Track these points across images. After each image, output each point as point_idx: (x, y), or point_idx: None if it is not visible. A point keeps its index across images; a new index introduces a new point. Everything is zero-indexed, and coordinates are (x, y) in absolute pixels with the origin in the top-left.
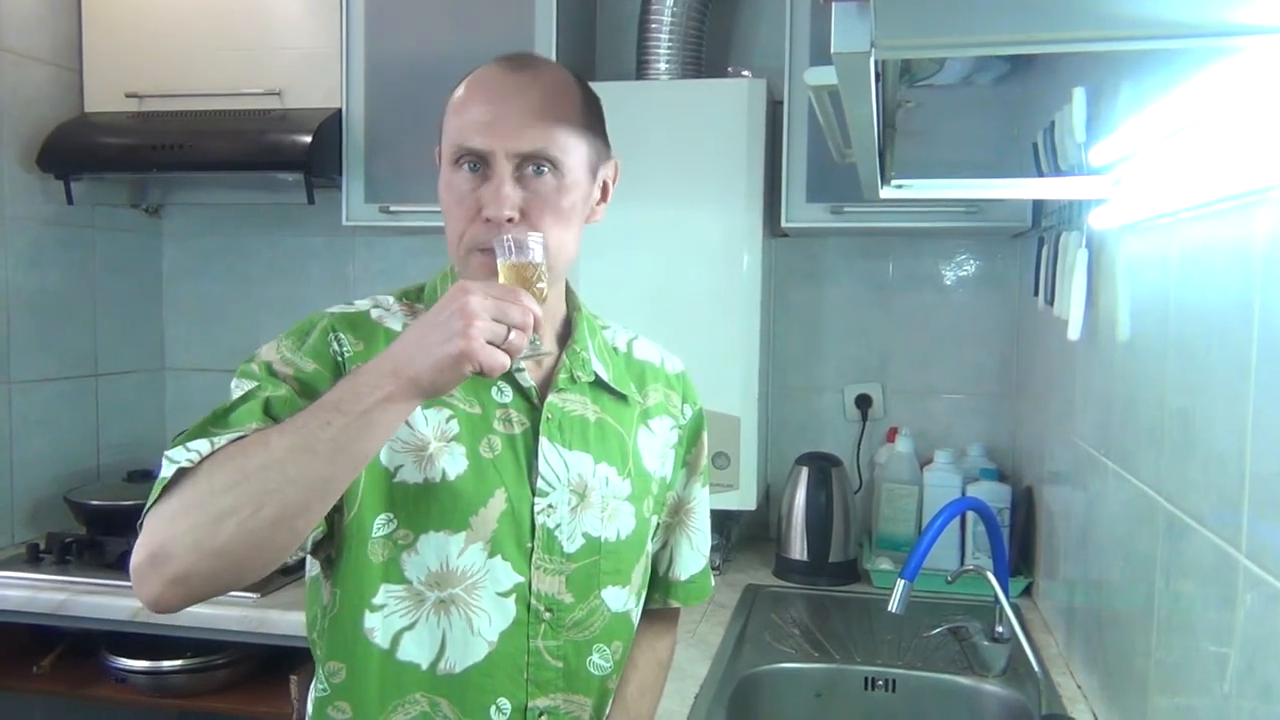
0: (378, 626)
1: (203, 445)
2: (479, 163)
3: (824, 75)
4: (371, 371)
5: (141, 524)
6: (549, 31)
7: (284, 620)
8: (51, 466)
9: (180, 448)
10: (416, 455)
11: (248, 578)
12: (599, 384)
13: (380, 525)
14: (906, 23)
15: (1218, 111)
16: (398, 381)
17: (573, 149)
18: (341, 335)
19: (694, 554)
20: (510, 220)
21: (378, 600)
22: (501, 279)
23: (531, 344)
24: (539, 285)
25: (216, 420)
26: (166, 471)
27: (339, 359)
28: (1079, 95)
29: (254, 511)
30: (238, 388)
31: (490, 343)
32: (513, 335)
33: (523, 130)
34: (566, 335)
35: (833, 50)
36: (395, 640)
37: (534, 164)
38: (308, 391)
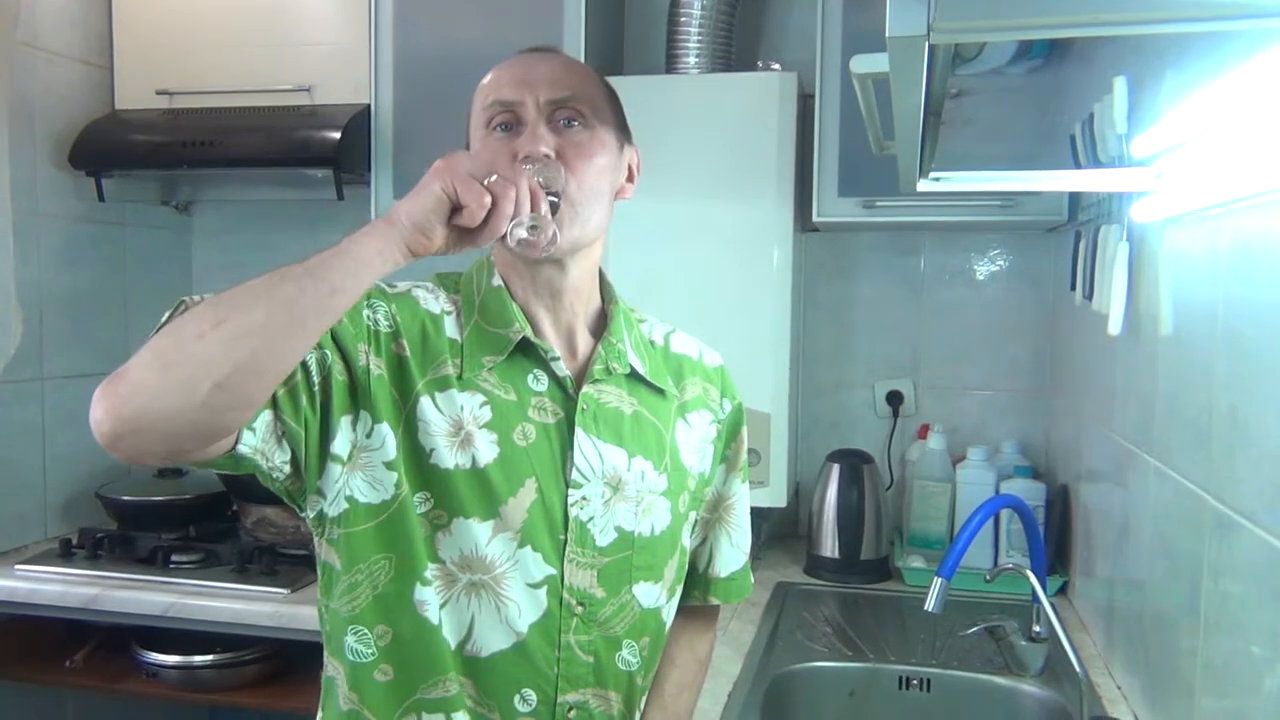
0: (429, 600)
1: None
2: (510, 121)
3: (871, 63)
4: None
5: None
6: (578, 24)
7: (314, 616)
8: (83, 462)
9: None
10: (449, 439)
11: (186, 416)
12: (636, 377)
13: (419, 502)
14: (968, 4)
15: (1275, 97)
16: (379, 223)
17: (600, 113)
18: (376, 302)
19: (734, 550)
20: (547, 157)
21: (429, 574)
22: None
23: (532, 217)
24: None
25: None
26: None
27: (371, 324)
28: (1120, 85)
29: (214, 325)
30: None
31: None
32: (495, 179)
33: (553, 83)
34: (602, 328)
35: (887, 34)
36: (438, 615)
37: (565, 115)
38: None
